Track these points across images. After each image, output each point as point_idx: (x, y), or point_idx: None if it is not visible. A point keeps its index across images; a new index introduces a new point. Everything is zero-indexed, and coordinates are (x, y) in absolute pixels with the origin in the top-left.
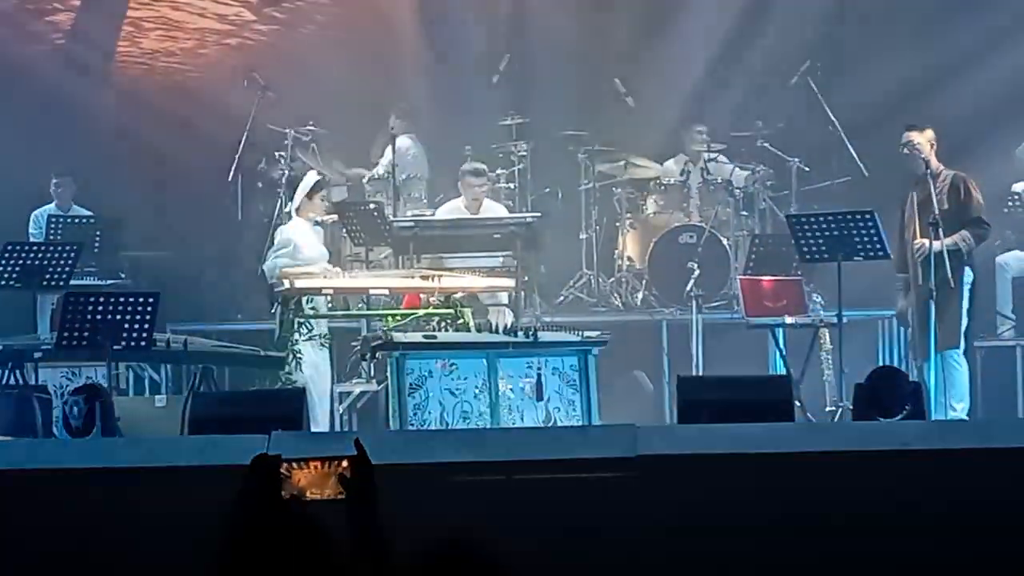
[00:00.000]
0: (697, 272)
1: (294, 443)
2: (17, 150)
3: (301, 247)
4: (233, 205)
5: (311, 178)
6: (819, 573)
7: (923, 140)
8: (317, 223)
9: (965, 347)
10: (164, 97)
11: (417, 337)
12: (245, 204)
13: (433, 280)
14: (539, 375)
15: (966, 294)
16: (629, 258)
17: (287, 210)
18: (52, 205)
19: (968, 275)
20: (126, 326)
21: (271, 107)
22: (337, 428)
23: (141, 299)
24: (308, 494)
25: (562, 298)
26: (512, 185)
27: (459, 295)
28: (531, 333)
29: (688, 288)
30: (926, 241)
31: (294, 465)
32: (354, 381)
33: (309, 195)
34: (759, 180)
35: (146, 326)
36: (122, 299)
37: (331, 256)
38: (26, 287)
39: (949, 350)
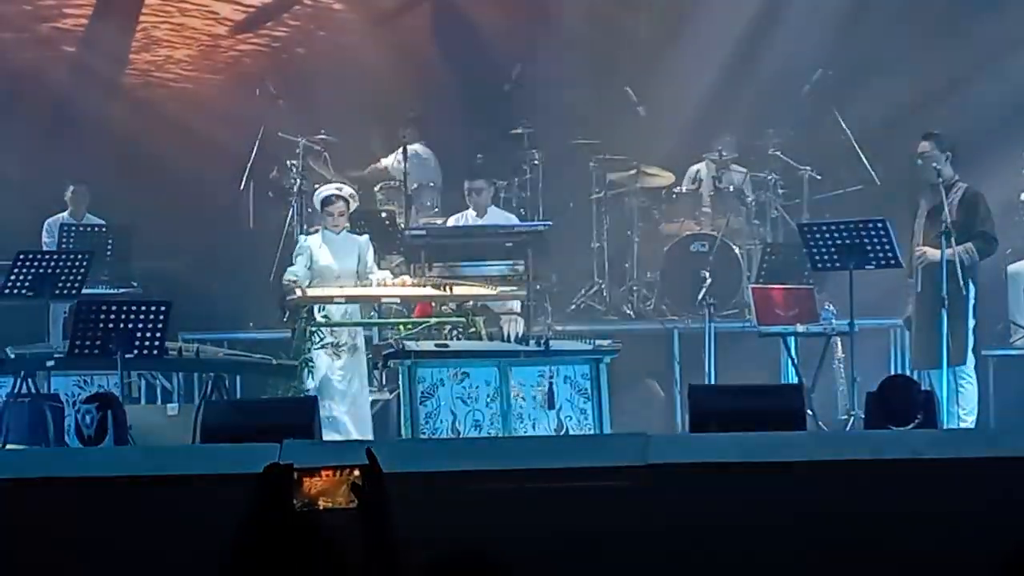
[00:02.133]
0: (709, 281)
1: (306, 452)
2: (30, 158)
3: (316, 257)
4: (245, 214)
5: (320, 194)
6: None
7: (938, 150)
8: (354, 232)
9: (975, 362)
10: (175, 105)
11: (429, 346)
12: (257, 213)
13: (445, 288)
14: (551, 384)
15: (970, 311)
16: (641, 267)
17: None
18: (65, 214)
19: (971, 291)
20: (138, 334)
21: (282, 116)
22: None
23: (153, 307)
24: (320, 503)
25: (574, 306)
26: (524, 194)
27: (471, 304)
28: (543, 342)
29: (700, 297)
30: (927, 249)
31: (306, 474)
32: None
33: (322, 209)
34: (771, 189)
35: (158, 334)
36: (134, 307)
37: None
38: (38, 295)
39: (957, 367)
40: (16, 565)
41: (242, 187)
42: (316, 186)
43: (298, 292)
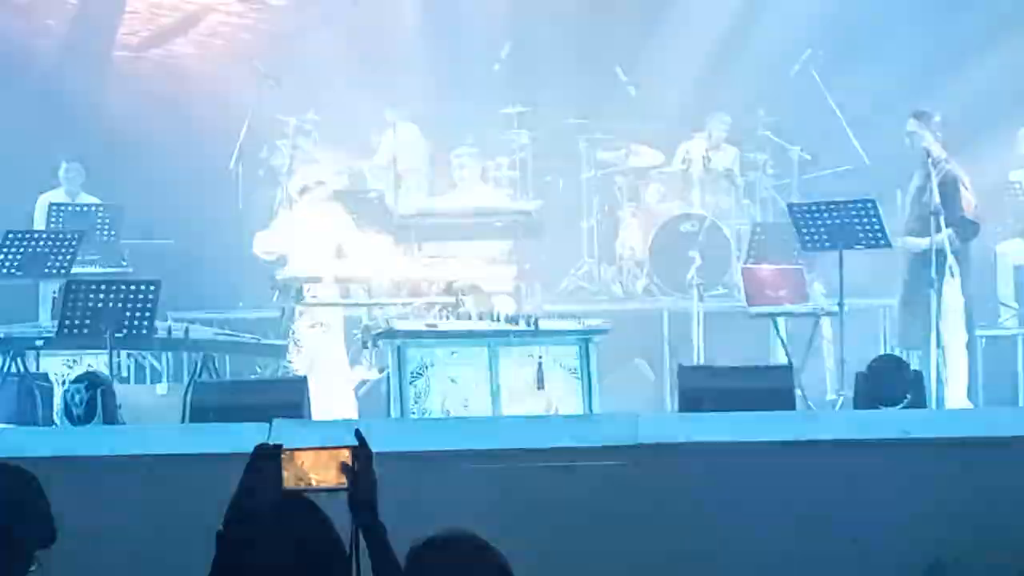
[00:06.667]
0: (698, 261)
1: (295, 431)
2: (20, 136)
3: (299, 236)
4: (234, 193)
5: (295, 185)
6: (820, 560)
7: (926, 129)
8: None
9: (967, 340)
10: (166, 84)
11: (419, 325)
12: (246, 192)
13: (434, 268)
14: (540, 364)
15: (956, 292)
16: (630, 247)
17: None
18: (59, 191)
19: (956, 273)
20: (127, 314)
21: (273, 95)
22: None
23: (142, 287)
24: (310, 482)
25: (563, 286)
26: (514, 173)
27: (460, 283)
28: (532, 322)
29: (689, 277)
30: (907, 239)
31: (295, 453)
32: (355, 369)
33: (300, 197)
34: (760, 168)
35: (147, 314)
36: (123, 287)
37: None
38: (28, 275)
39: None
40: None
41: (232, 166)
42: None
43: (288, 271)
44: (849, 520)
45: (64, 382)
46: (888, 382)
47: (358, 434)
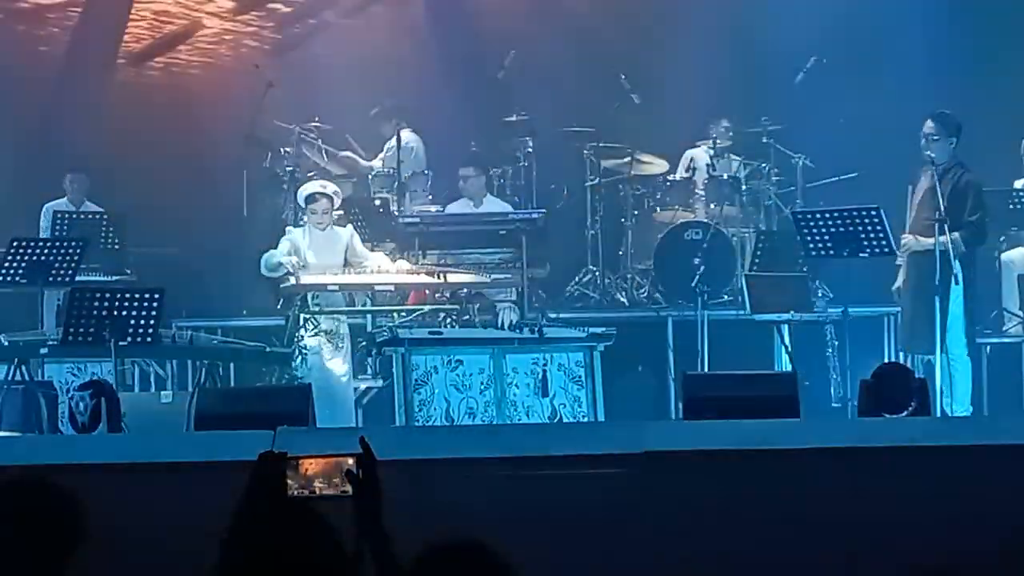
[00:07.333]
0: (703, 268)
1: (300, 439)
2: (25, 145)
3: (302, 253)
4: (238, 201)
5: (302, 192)
6: (824, 569)
7: (943, 134)
8: (340, 223)
9: (967, 350)
10: (169, 93)
11: (423, 333)
12: (251, 200)
13: (438, 276)
14: (544, 371)
15: (958, 299)
16: (635, 254)
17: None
18: (64, 200)
19: (960, 279)
20: (132, 322)
21: (277, 102)
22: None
23: (147, 295)
24: (314, 489)
25: (568, 294)
26: (518, 181)
27: (465, 291)
28: (536, 329)
29: (694, 284)
30: (913, 237)
31: (300, 461)
32: (360, 377)
33: (306, 207)
34: (765, 176)
35: (152, 322)
36: (128, 295)
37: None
38: (32, 283)
39: (950, 354)
40: (6, 552)
41: (236, 174)
42: (310, 174)
43: (292, 280)
44: (854, 527)
45: (69, 390)
46: (893, 389)
47: (363, 442)
